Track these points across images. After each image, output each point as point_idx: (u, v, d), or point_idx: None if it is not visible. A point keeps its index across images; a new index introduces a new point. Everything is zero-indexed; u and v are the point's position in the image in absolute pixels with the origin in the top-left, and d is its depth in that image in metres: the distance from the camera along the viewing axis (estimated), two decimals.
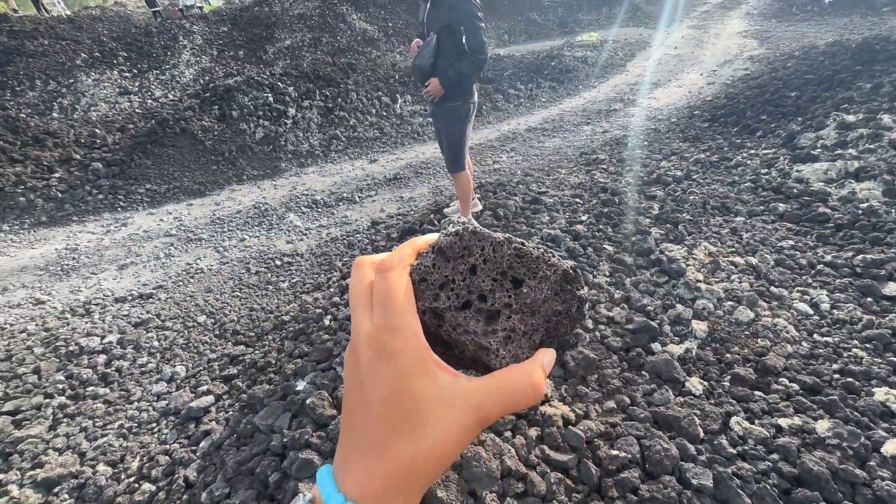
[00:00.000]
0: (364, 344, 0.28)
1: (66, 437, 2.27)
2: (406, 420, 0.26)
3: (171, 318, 3.21)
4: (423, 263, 0.32)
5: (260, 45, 13.54)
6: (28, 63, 11.19)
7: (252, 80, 6.81)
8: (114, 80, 11.47)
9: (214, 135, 6.06)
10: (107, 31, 13.16)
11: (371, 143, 6.50)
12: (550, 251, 0.34)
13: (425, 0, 2.60)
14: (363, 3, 15.84)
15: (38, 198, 5.18)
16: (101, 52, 12.09)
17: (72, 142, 6.15)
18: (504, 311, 0.33)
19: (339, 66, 7.99)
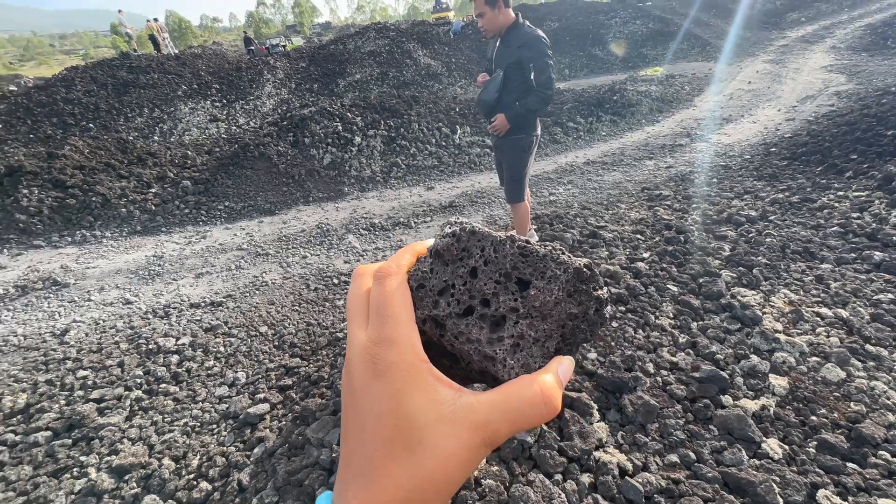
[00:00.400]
0: (357, 357, 0.26)
1: (139, 429, 2.46)
2: (402, 441, 0.24)
3: (236, 326, 3.43)
4: (420, 268, 0.30)
5: (332, 79, 14.69)
6: (140, 93, 12.87)
7: (324, 110, 7.37)
8: (206, 108, 12.88)
9: (287, 159, 6.58)
10: (204, 67, 14.89)
11: (429, 171, 6.73)
12: (560, 248, 0.31)
13: (495, 38, 2.72)
14: (429, 40, 16.78)
15: (136, 209, 5.85)
16: (198, 85, 13.67)
17: (168, 161, 6.93)
18: (510, 316, 0.30)
19: (404, 98, 8.45)
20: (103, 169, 6.42)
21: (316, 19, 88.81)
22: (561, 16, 18.59)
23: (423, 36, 16.95)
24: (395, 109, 7.69)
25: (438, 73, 14.52)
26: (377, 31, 17.21)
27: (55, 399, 2.73)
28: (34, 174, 6.10)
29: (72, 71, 13.76)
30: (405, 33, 16.97)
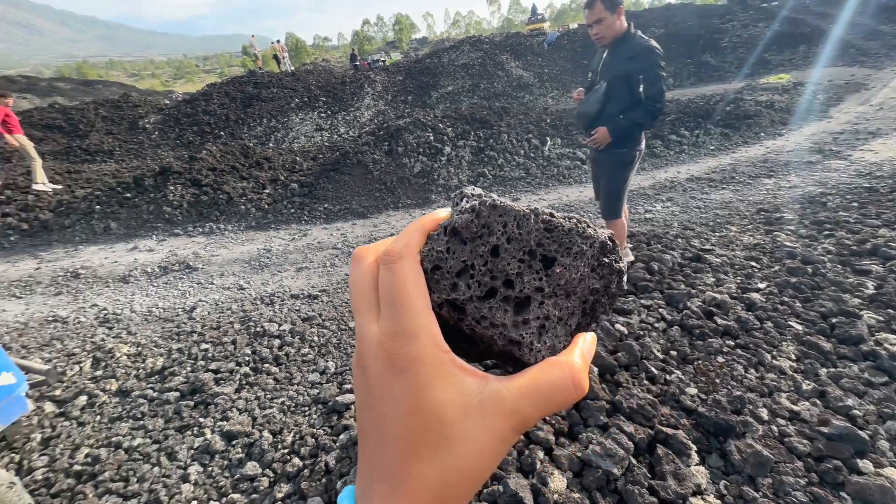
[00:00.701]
0: (372, 353, 0.24)
1: (245, 401, 2.77)
2: (429, 439, 0.23)
3: (329, 318, 3.72)
4: (434, 248, 0.27)
5: (426, 91, 15.36)
6: (261, 106, 14.62)
7: (418, 121, 7.72)
8: (313, 119, 14.23)
9: (381, 167, 7.00)
10: (314, 81, 16.47)
11: (516, 182, 6.69)
12: (584, 220, 0.29)
13: (603, 48, 2.64)
14: (521, 52, 16.78)
15: (252, 207, 6.64)
16: (308, 98, 15.15)
17: (280, 166, 7.78)
18: (535, 296, 0.28)
19: (494, 109, 8.53)
20: (229, 171, 7.41)
21: (414, 35, 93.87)
22: (667, 21, 17.42)
23: (516, 48, 17.01)
24: (485, 120, 7.80)
25: (530, 84, 14.43)
26: (471, 44, 17.65)
27: (183, 365, 3.19)
28: (179, 173, 7.24)
29: (211, 87, 16.16)
30: (499, 45, 17.18)
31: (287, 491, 2.05)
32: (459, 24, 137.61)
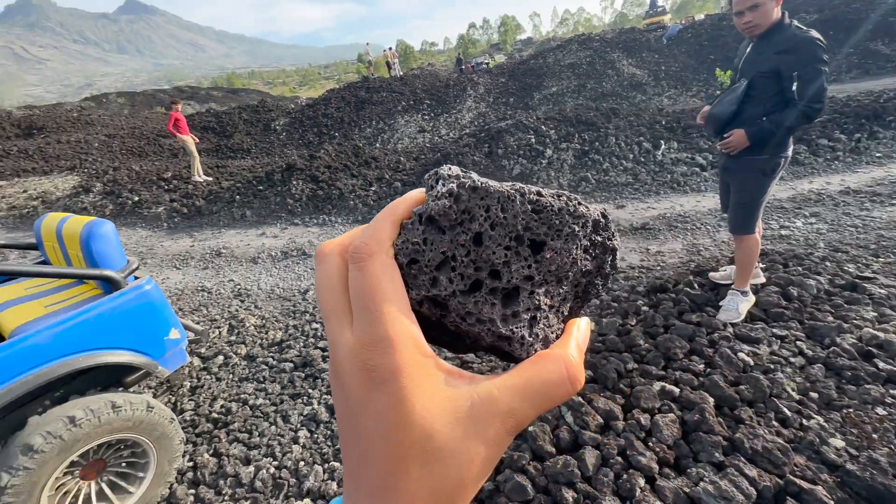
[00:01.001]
0: (347, 365, 0.22)
1: None
2: (417, 454, 0.21)
3: None
4: (409, 240, 0.25)
5: (528, 93, 15.14)
6: (371, 109, 15.75)
7: (520, 123, 7.65)
8: (417, 121, 14.92)
9: (480, 168, 7.08)
10: (420, 85, 17.25)
11: (621, 188, 6.27)
12: (575, 197, 0.26)
13: (749, 41, 2.33)
14: (636, 48, 15.65)
15: (360, 203, 7.21)
16: (413, 101, 15.92)
17: (385, 165, 8.31)
18: (524, 286, 0.26)
19: (602, 110, 8.09)
20: (342, 169, 8.13)
21: (519, 36, 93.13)
22: (822, 5, 14.82)
23: (629, 44, 15.92)
24: (591, 122, 7.44)
25: (643, 83, 13.39)
26: (580, 42, 16.95)
27: (297, 340, 3.59)
28: (301, 170, 8.14)
29: (330, 92, 17.87)
30: (610, 43, 16.24)
31: None
32: (567, 23, 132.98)
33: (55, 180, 11.08)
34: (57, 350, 1.82)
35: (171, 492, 2.28)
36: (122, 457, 2.12)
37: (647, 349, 2.37)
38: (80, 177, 10.98)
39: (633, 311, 2.83)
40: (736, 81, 2.37)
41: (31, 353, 1.75)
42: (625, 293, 3.39)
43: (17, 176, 11.80)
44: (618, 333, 2.63)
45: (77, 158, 12.83)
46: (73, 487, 1.97)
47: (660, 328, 2.54)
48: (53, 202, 9.54)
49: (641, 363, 2.30)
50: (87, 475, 2.02)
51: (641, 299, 2.97)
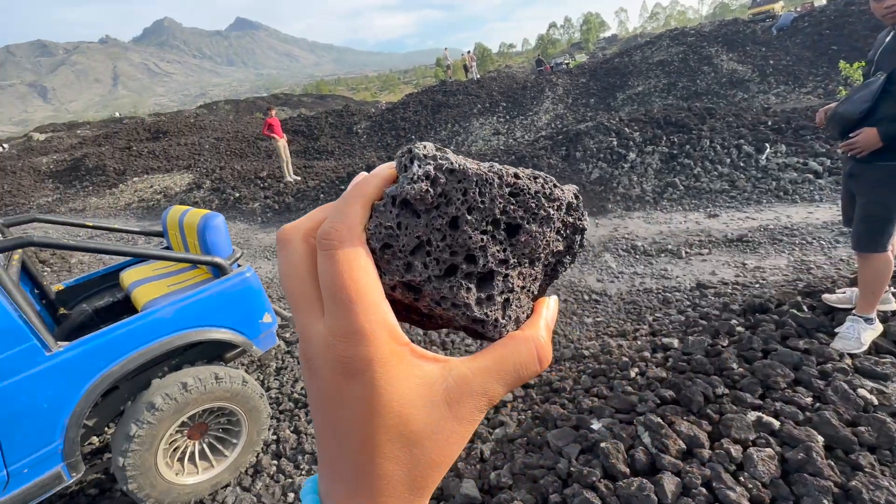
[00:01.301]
0: (320, 356, 0.22)
1: None
2: (394, 440, 0.21)
3: None
4: (382, 223, 0.23)
5: (611, 93, 14.41)
6: (447, 112, 16.04)
7: (601, 125, 7.31)
8: (492, 123, 14.91)
9: (556, 172, 6.88)
10: (497, 88, 17.20)
11: (715, 195, 5.72)
12: (550, 179, 0.26)
13: (890, 29, 2.00)
14: (738, 42, 14.18)
15: None
16: (489, 104, 15.93)
17: None
18: (499, 269, 0.25)
19: (695, 110, 7.45)
20: None
21: (602, 34, 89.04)
22: None
23: (730, 37, 14.47)
24: (681, 124, 6.89)
25: (745, 80, 12.10)
26: (672, 38, 15.77)
27: None
28: None
29: (408, 97, 18.51)
30: (707, 37, 14.90)
31: None
32: (658, 18, 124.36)
33: (174, 177, 12.80)
34: (177, 324, 2.10)
35: (258, 460, 2.52)
36: (220, 423, 2.39)
37: (742, 374, 2.14)
38: (193, 175, 12.57)
39: (725, 330, 2.57)
40: (870, 75, 2.04)
41: (158, 325, 2.04)
42: (715, 310, 3.10)
43: (147, 173, 13.82)
44: (706, 353, 2.40)
45: (192, 158, 14.69)
46: (182, 444, 2.27)
47: (758, 352, 2.28)
48: (172, 196, 11.03)
49: (734, 389, 2.09)
50: (192, 435, 2.31)
51: (736, 318, 2.69)
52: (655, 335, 3.02)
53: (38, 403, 1.77)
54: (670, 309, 3.50)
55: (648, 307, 3.62)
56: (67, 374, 1.83)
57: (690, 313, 3.27)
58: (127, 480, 2.00)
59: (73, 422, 1.85)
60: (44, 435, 1.80)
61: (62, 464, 1.86)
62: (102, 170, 14.21)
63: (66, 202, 12.56)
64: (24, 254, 2.71)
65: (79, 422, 1.86)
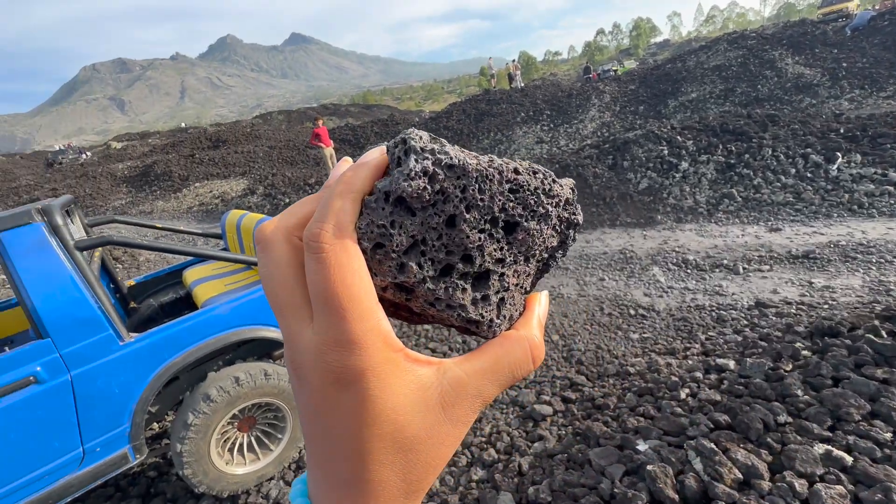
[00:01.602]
0: (309, 365, 0.20)
1: None
2: (388, 447, 0.20)
3: None
4: (375, 221, 0.22)
5: (661, 100, 13.87)
6: (490, 121, 16.07)
7: (651, 133, 7.05)
8: (535, 132, 14.76)
9: (602, 181, 6.70)
10: (541, 96, 17.04)
11: (777, 208, 5.34)
12: (549, 174, 0.25)
13: None
14: (805, 44, 13.25)
15: None
16: (533, 112, 15.80)
17: None
18: (495, 269, 0.25)
19: (755, 117, 7.02)
20: None
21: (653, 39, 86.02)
22: None
23: (797, 39, 13.55)
24: (740, 132, 6.51)
25: (814, 84, 11.26)
26: (730, 41, 14.99)
27: (409, 338, 3.80)
28: None
29: (452, 106, 18.73)
30: (770, 39, 14.03)
31: (482, 476, 2.21)
32: (714, 21, 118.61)
33: (231, 183, 13.66)
34: (232, 321, 2.23)
35: (300, 456, 2.61)
36: (267, 418, 2.50)
37: (808, 402, 1.97)
38: (248, 181, 13.35)
39: (788, 353, 2.38)
40: None
41: (216, 321, 2.18)
42: (777, 332, 2.88)
43: (207, 179, 14.83)
44: (766, 378, 2.23)
45: (247, 166, 15.62)
46: (232, 436, 2.39)
47: (827, 380, 2.09)
48: (228, 201, 11.76)
49: (798, 418, 1.92)
50: (241, 427, 2.43)
51: (801, 342, 2.49)
52: (708, 355, 2.85)
53: (112, 388, 1.93)
54: (725, 328, 3.29)
55: (700, 325, 3.43)
56: (137, 363, 1.99)
57: (748, 333, 3.05)
58: (183, 465, 2.14)
59: (139, 407, 2.01)
60: (115, 418, 1.97)
61: (129, 446, 2.02)
62: (169, 176, 15.41)
63: (136, 205, 13.73)
64: (104, 251, 2.99)
65: (144, 408, 2.02)
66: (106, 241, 2.04)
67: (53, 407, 1.82)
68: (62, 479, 1.88)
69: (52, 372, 1.81)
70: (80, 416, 1.88)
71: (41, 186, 16.64)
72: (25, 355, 1.77)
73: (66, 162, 26.82)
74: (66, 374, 1.83)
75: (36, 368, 1.78)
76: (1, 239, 1.75)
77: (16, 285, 1.77)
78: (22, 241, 1.78)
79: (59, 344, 1.82)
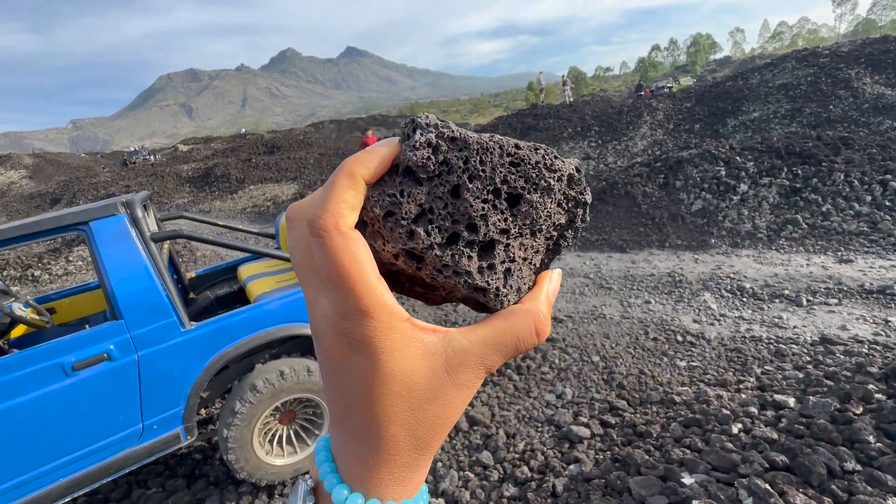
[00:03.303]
0: (326, 333, 0.23)
1: (486, 395, 3.09)
2: (398, 405, 0.23)
3: (571, 345, 3.70)
4: (386, 191, 0.24)
5: (720, 119, 13.24)
6: (536, 135, 15.96)
7: (708, 153, 6.75)
8: (583, 147, 14.51)
9: (652, 201, 6.47)
10: (590, 112, 16.76)
11: (849, 237, 4.93)
12: (551, 150, 0.26)
13: None
14: (886, 63, 12.23)
15: None
16: (581, 127, 15.55)
17: None
18: (500, 239, 0.26)
19: (826, 140, 6.54)
20: None
21: (712, 56, 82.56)
22: None
23: (877, 57, 12.56)
24: (808, 154, 6.09)
25: (895, 106, 10.37)
26: (799, 59, 14.13)
27: None
28: None
29: (498, 119, 18.82)
30: (846, 57, 13.10)
31: (513, 493, 2.16)
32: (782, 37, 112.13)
33: (282, 187, 14.39)
34: (281, 317, 2.35)
35: None
36: (306, 413, 2.59)
37: (881, 451, 1.79)
38: (298, 185, 14.01)
39: (859, 395, 2.18)
40: None
41: (267, 316, 2.30)
42: (846, 371, 2.64)
43: (261, 182, 15.71)
44: (832, 419, 2.05)
45: (298, 171, 16.40)
46: (273, 427, 2.49)
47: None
48: (280, 203, 12.38)
49: (868, 466, 1.75)
50: (282, 420, 2.53)
51: (874, 384, 2.26)
52: (765, 390, 2.65)
53: (171, 371, 2.08)
54: (785, 363, 3.06)
55: (756, 358, 3.20)
56: (194, 350, 2.14)
57: (811, 371, 2.82)
58: (227, 450, 2.25)
59: (193, 391, 2.14)
60: (171, 399, 2.11)
61: (182, 426, 2.16)
62: (227, 178, 16.46)
63: (196, 203, 14.75)
64: (171, 244, 3.23)
65: (198, 392, 2.15)
66: (178, 235, 2.21)
67: (121, 383, 1.98)
68: (123, 452, 2.03)
69: (123, 351, 1.97)
70: (142, 394, 2.03)
71: (116, 183, 18.28)
72: (102, 334, 1.94)
73: (139, 162, 29.36)
74: (134, 353, 2.00)
75: (109, 346, 1.95)
76: (91, 227, 1.95)
77: (99, 269, 1.96)
78: (108, 230, 1.98)
79: (131, 326, 1.99)
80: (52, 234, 1.95)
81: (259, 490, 2.46)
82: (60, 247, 8.73)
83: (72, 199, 16.94)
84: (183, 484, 2.59)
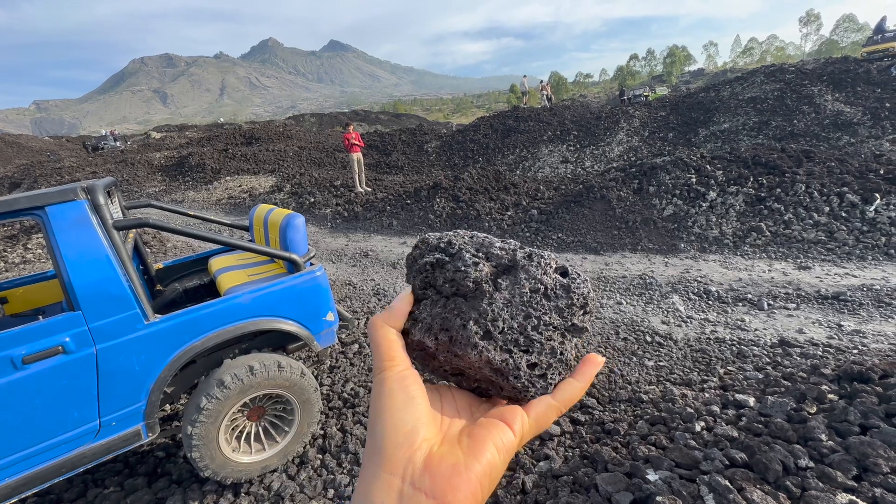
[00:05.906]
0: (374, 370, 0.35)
1: None
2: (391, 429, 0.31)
3: None
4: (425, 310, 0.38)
5: (692, 128, 13.69)
6: (516, 137, 16.13)
7: (680, 160, 6.96)
8: (561, 151, 14.74)
9: (626, 205, 6.63)
10: (569, 116, 17.03)
11: (808, 245, 5.18)
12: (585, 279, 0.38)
13: None
14: (846, 81, 12.93)
15: (494, 225, 7.39)
16: (560, 131, 15.79)
17: (524, 192, 8.39)
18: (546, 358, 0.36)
19: (790, 152, 6.86)
20: (482, 191, 8.47)
21: (687, 67, 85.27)
22: None
23: (838, 76, 13.25)
24: (773, 165, 6.37)
25: (854, 123, 10.95)
26: (767, 74, 14.76)
27: None
28: (445, 189, 8.75)
29: (480, 120, 18.88)
30: (809, 75, 13.76)
31: None
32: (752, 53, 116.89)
33: (260, 179, 14.03)
34: (252, 311, 2.28)
35: (305, 452, 2.63)
36: (276, 410, 2.53)
37: (832, 448, 1.89)
38: (276, 178, 13.69)
39: (813, 395, 2.29)
40: None
41: (237, 309, 2.23)
42: (802, 372, 2.77)
43: (237, 174, 15.27)
44: (788, 418, 2.15)
45: (277, 164, 16.03)
46: (241, 424, 2.43)
47: (854, 426, 1.99)
48: (256, 196, 12.07)
49: (821, 463, 1.84)
50: (251, 416, 2.46)
51: (827, 384, 2.39)
52: (727, 389, 2.76)
53: (133, 365, 1.99)
54: (746, 364, 3.19)
55: (720, 358, 3.32)
56: (158, 343, 2.05)
57: (770, 371, 2.95)
58: (192, 448, 2.18)
59: (156, 387, 2.06)
60: (132, 394, 2.02)
61: (142, 423, 2.07)
62: (202, 168, 15.93)
63: (169, 193, 14.22)
64: (137, 233, 3.10)
65: (161, 387, 2.07)
66: (143, 223, 2.12)
67: (77, 377, 1.88)
68: (78, 449, 1.93)
69: (80, 344, 1.88)
70: (100, 389, 1.94)
71: (82, 169, 17.43)
72: (57, 325, 1.84)
73: (108, 148, 28.07)
74: (92, 347, 1.90)
75: (65, 339, 1.85)
76: (47, 212, 1.85)
77: (55, 258, 1.86)
78: (66, 217, 1.87)
79: (89, 317, 1.90)
80: (4, 219, 1.83)
81: (224, 488, 2.39)
82: (18, 234, 8.26)
83: (32, 183, 16.07)
84: (143, 483, 2.49)
